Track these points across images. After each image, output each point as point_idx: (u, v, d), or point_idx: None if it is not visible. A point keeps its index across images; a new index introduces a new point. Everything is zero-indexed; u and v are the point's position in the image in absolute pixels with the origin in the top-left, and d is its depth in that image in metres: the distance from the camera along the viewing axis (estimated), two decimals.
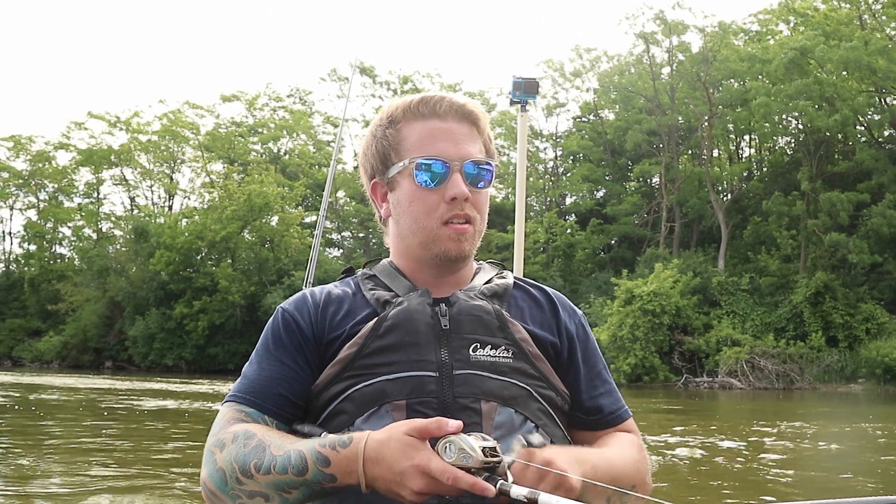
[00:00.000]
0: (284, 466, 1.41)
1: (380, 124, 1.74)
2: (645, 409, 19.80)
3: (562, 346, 1.73)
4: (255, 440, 1.48)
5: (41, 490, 7.14)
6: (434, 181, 1.65)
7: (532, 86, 4.16)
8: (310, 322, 1.67)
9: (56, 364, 52.42)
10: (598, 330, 38.01)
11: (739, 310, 39.68)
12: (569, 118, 61.05)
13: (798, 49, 39.98)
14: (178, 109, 62.97)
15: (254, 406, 1.59)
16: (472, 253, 1.73)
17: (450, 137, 1.67)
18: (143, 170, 64.49)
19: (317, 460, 1.40)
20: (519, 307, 1.74)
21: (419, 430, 1.35)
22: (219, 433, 1.55)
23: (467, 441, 1.32)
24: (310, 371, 1.64)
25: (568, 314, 1.79)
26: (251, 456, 1.45)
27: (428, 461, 1.31)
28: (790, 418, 17.40)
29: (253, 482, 1.44)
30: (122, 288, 51.27)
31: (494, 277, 1.79)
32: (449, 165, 1.65)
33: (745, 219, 47.22)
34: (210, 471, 1.51)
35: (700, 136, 49.52)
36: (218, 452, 1.50)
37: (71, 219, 65.17)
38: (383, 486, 1.37)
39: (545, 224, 52.65)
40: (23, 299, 60.11)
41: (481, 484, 1.29)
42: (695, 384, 36.03)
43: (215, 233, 48.57)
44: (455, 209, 1.66)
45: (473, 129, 1.72)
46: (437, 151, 1.66)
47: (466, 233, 1.68)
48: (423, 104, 1.69)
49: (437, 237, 1.66)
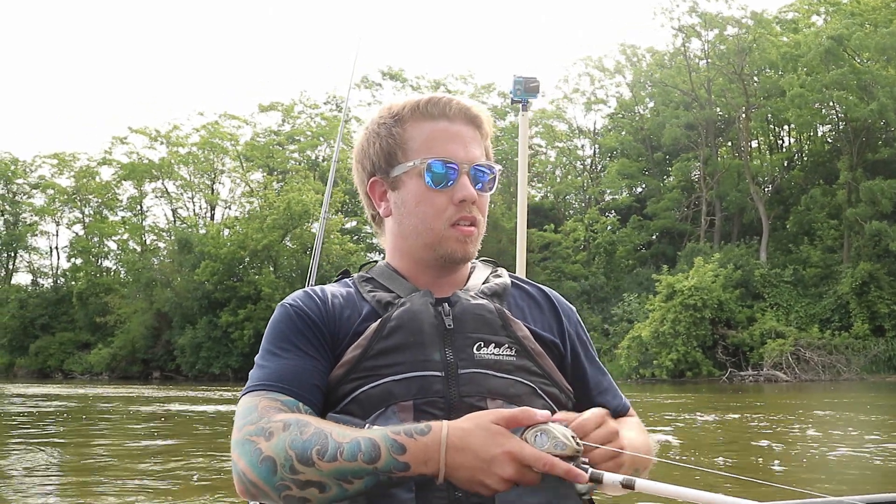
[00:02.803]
0: (353, 453, 1.37)
1: (383, 122, 1.72)
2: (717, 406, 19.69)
3: (564, 346, 1.74)
4: (313, 428, 1.42)
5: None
6: (444, 183, 1.65)
7: (533, 85, 4.16)
8: (320, 315, 1.64)
9: (106, 375, 53.11)
10: (640, 326, 37.89)
11: (783, 302, 39.35)
12: (605, 115, 60.79)
13: (833, 38, 39.55)
14: (216, 121, 63.81)
15: (289, 394, 1.53)
16: (473, 255, 1.72)
17: (459, 140, 1.68)
18: (184, 182, 65.34)
19: (391, 447, 1.36)
20: (519, 306, 1.74)
21: (507, 419, 1.36)
22: (259, 422, 1.47)
23: (559, 429, 1.34)
24: (328, 363, 1.61)
25: (567, 314, 1.80)
26: (312, 442, 1.39)
27: (521, 448, 1.32)
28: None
29: (312, 470, 1.38)
30: (168, 299, 51.96)
31: (491, 276, 1.78)
32: (458, 168, 1.66)
33: (786, 210, 46.77)
34: (251, 461, 1.43)
35: (738, 129, 49.14)
36: (262, 441, 1.43)
37: (116, 232, 66.11)
38: (465, 475, 1.34)
39: (586, 221, 52.51)
40: (72, 313, 60.95)
41: (575, 471, 1.31)
42: (739, 378, 35.77)
43: (257, 241, 49.08)
44: (463, 211, 1.66)
45: (478, 133, 1.73)
46: (448, 153, 1.66)
47: (472, 235, 1.69)
48: (433, 105, 1.69)
49: (444, 238, 1.66)
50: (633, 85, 56.27)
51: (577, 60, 63.17)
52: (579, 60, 60.02)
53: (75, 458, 10.70)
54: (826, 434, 12.14)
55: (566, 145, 60.58)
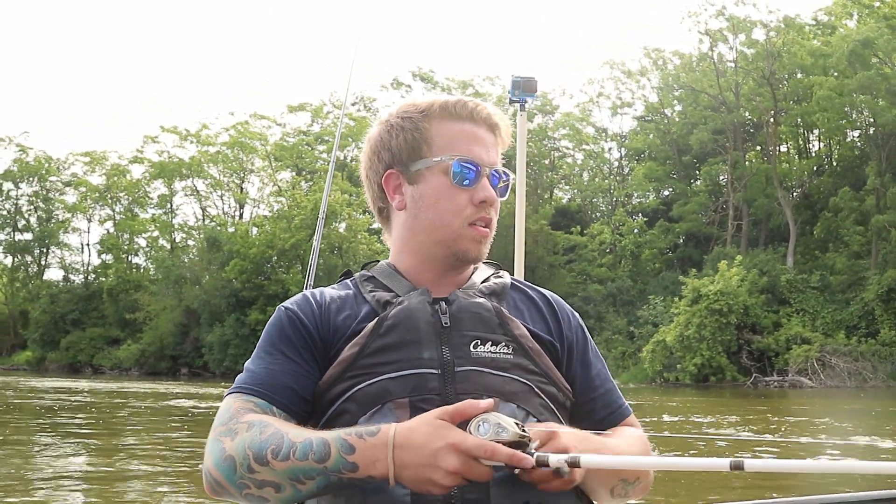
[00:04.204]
0: (305, 452, 1.39)
1: (408, 116, 1.74)
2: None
3: (562, 347, 1.74)
4: (273, 428, 1.45)
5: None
6: (467, 182, 1.67)
7: (531, 85, 4.14)
8: (314, 321, 1.66)
9: (135, 371, 53.71)
10: (665, 330, 37.79)
11: (809, 307, 39.13)
12: (633, 117, 60.65)
13: (860, 41, 39.28)
14: (246, 121, 64.32)
15: (262, 397, 1.56)
16: (485, 255, 1.75)
17: (482, 143, 1.71)
18: (213, 180, 65.89)
19: (341, 447, 1.38)
20: (518, 307, 1.75)
21: (451, 413, 1.38)
22: (228, 422, 1.51)
23: (501, 416, 1.35)
24: (316, 369, 1.63)
25: (567, 317, 1.80)
26: (269, 442, 1.42)
27: (463, 439, 1.33)
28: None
29: (267, 470, 1.41)
30: (196, 296, 52.46)
31: (492, 277, 1.79)
32: (480, 169, 1.68)
33: (814, 215, 46.46)
34: (216, 459, 1.47)
35: (766, 133, 48.90)
36: (228, 441, 1.47)
37: (146, 230, 66.82)
38: (412, 474, 1.35)
39: (612, 224, 52.43)
40: (102, 309, 61.52)
41: (518, 455, 1.32)
42: (764, 383, 35.63)
43: (285, 241, 49.48)
44: (482, 212, 1.69)
45: (497, 139, 1.75)
46: (472, 154, 1.68)
47: (487, 236, 1.72)
48: (462, 106, 1.71)
49: (460, 237, 1.68)
50: (660, 88, 56.06)
51: (602, 64, 62.96)
52: (605, 63, 59.82)
53: (103, 452, 11.00)
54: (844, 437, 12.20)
55: (593, 148, 60.49)
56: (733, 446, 11.44)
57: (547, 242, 49.11)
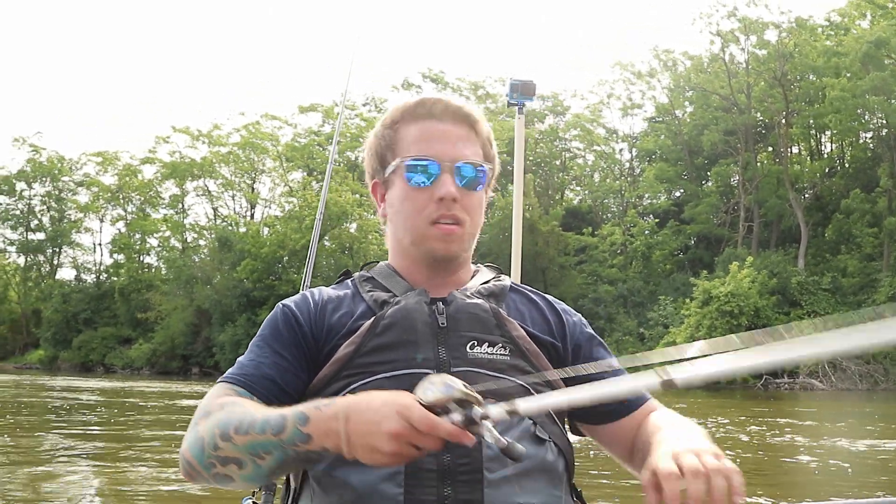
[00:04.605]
0: (263, 427, 1.39)
1: (384, 123, 1.75)
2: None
3: (565, 347, 1.73)
4: (242, 408, 1.47)
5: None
6: (424, 181, 1.66)
7: (529, 88, 4.14)
8: (308, 320, 1.66)
9: (146, 371, 53.90)
10: (675, 331, 37.72)
11: (821, 310, 38.94)
12: (644, 118, 60.59)
13: (874, 42, 39.13)
14: (257, 121, 64.47)
15: (244, 386, 1.58)
16: (462, 254, 1.73)
17: (445, 138, 1.67)
18: (224, 181, 66.08)
19: (297, 419, 1.37)
20: (518, 309, 1.73)
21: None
22: (206, 407, 1.54)
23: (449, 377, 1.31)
24: (305, 367, 1.64)
25: (568, 315, 1.79)
26: (235, 419, 1.43)
27: (410, 404, 1.28)
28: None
29: (230, 445, 1.42)
30: (207, 296, 52.60)
31: (492, 280, 1.79)
32: (440, 165, 1.65)
33: (826, 217, 46.27)
34: (190, 441, 1.49)
35: (778, 134, 48.76)
36: (202, 422, 1.49)
37: (157, 230, 67.08)
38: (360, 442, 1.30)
39: (624, 225, 52.36)
40: (114, 308, 61.80)
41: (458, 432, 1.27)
42: (775, 385, 35.52)
43: (296, 241, 49.56)
44: (442, 209, 1.65)
45: (471, 132, 1.72)
46: (431, 152, 1.66)
47: (454, 234, 1.68)
48: (420, 105, 1.70)
49: (426, 237, 1.67)
50: (671, 89, 55.96)
51: (612, 65, 62.96)
52: (615, 64, 59.81)
53: (111, 451, 11.07)
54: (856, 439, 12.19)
55: (603, 149, 60.42)
56: (737, 445, 11.44)
57: (558, 243, 49.04)
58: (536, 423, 1.56)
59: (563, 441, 1.62)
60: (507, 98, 4.25)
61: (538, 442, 1.55)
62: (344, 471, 1.46)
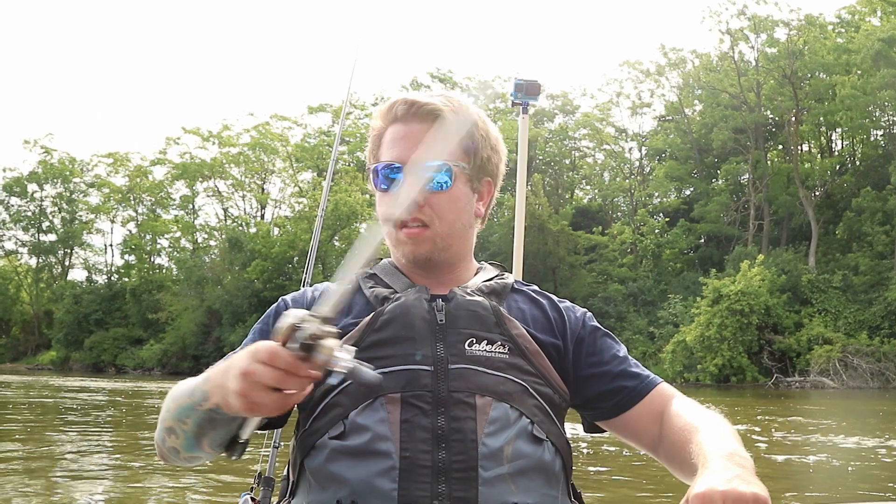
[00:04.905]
0: (186, 393, 1.43)
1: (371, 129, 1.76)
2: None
3: (566, 344, 1.70)
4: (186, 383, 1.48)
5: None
6: (385, 185, 1.66)
7: (534, 87, 4.10)
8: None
9: (157, 371, 54.06)
10: (685, 330, 37.67)
11: (832, 308, 38.87)
12: (654, 117, 60.50)
13: (885, 39, 38.99)
14: (266, 122, 64.62)
15: None
16: (439, 254, 1.69)
17: (408, 140, 1.64)
18: (235, 181, 66.30)
19: (202, 379, 1.39)
20: (519, 308, 1.71)
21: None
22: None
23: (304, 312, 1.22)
24: None
25: (570, 312, 1.75)
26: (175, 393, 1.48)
27: (264, 343, 1.23)
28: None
29: (168, 415, 1.46)
30: (218, 297, 52.77)
31: (495, 278, 1.76)
32: (402, 169, 1.64)
33: (836, 215, 46.13)
34: (157, 427, 1.53)
35: (788, 132, 48.64)
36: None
37: (168, 230, 67.39)
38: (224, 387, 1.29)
39: (634, 224, 52.31)
40: (125, 309, 62.06)
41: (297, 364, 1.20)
42: (786, 384, 35.45)
43: (305, 242, 49.68)
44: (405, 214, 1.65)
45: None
46: (393, 155, 1.65)
47: (419, 237, 1.65)
48: (389, 109, 1.69)
49: (397, 241, 1.68)
50: (680, 88, 55.86)
51: (621, 63, 62.84)
52: (623, 63, 59.78)
53: (124, 449, 11.14)
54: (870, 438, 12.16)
55: (613, 148, 60.36)
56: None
57: (568, 242, 49.03)
58: (534, 422, 1.54)
59: (560, 441, 1.59)
60: (511, 98, 4.16)
61: (535, 441, 1.52)
62: (339, 465, 1.46)
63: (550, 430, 1.57)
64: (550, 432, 1.57)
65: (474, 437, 1.46)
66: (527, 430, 1.52)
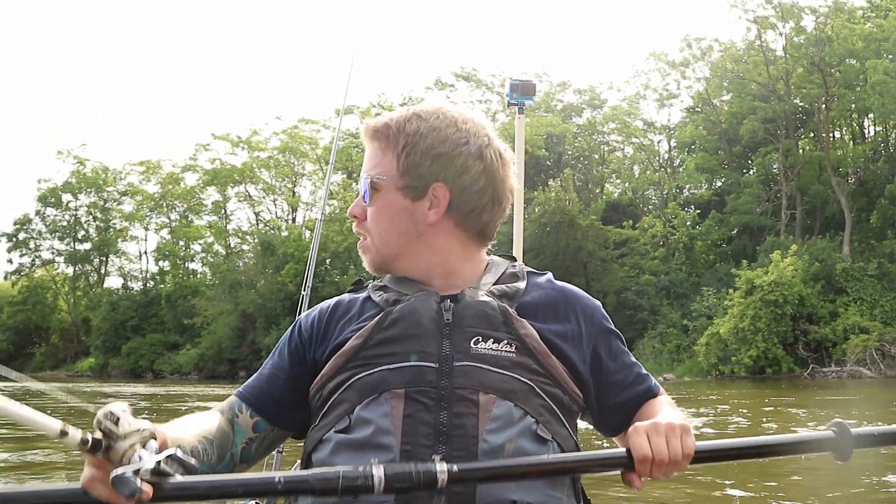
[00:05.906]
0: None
1: None
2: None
3: (581, 346, 1.71)
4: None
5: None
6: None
7: (529, 88, 4.16)
8: (311, 326, 1.75)
9: (194, 375, 54.47)
10: (719, 322, 37.41)
11: (867, 296, 38.39)
12: (681, 109, 60.07)
13: None
14: (295, 126, 64.94)
15: (241, 398, 1.73)
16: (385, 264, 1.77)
17: (367, 158, 1.75)
18: (265, 185, 66.71)
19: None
20: (532, 308, 1.71)
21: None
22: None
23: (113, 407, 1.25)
24: (298, 373, 1.72)
25: (587, 312, 1.76)
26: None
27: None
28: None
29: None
30: (252, 300, 53.11)
31: (506, 276, 1.77)
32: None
33: (870, 202, 45.55)
34: None
35: (818, 120, 48.12)
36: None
37: (201, 236, 67.99)
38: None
39: (664, 217, 51.99)
40: (161, 315, 62.78)
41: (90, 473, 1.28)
42: (822, 374, 35.10)
43: (338, 244, 49.89)
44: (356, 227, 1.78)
45: (384, 145, 1.71)
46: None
47: (363, 247, 1.78)
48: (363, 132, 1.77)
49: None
50: (707, 79, 55.40)
51: (647, 56, 62.46)
52: (650, 56, 59.36)
53: None
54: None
55: (641, 141, 60.01)
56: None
57: (598, 237, 48.84)
58: (539, 422, 1.55)
59: (568, 443, 1.60)
60: (507, 98, 4.22)
61: (539, 441, 1.53)
62: (341, 458, 1.52)
63: (557, 430, 1.58)
64: (556, 433, 1.58)
65: (475, 434, 1.49)
66: (531, 429, 1.54)
